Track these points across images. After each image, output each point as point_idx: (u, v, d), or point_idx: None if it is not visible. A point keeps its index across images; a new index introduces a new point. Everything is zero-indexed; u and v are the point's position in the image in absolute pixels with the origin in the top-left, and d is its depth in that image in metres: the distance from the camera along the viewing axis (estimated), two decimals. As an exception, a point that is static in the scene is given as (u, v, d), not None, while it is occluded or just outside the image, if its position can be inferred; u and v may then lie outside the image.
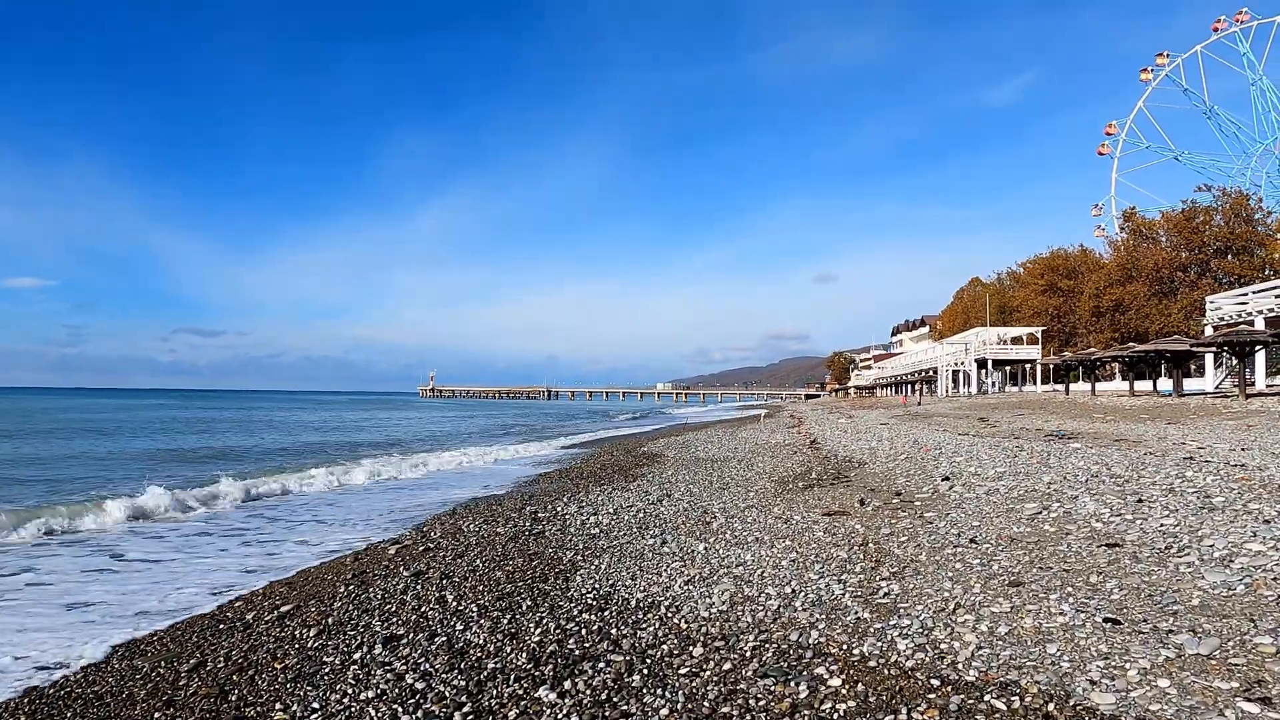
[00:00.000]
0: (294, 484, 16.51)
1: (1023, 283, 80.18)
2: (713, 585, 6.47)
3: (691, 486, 13.49)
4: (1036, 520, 7.80)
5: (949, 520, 8.30)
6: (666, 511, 10.69)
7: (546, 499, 12.84)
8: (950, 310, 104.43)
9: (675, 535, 8.89)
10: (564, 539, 8.86)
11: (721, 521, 9.62)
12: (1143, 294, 59.40)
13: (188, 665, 5.16)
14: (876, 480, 12.49)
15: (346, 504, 14.25)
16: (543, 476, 17.59)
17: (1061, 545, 6.67)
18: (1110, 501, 8.12)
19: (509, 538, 9.02)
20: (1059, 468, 11.13)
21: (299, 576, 7.92)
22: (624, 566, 7.34)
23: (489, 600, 6.24)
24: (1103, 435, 17.56)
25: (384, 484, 17.36)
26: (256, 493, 15.14)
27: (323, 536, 10.65)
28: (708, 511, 10.53)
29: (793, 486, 12.71)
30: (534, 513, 10.99)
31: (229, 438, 34.45)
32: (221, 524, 11.98)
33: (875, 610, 5.43)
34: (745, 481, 13.78)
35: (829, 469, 14.83)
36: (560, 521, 10.14)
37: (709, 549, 7.94)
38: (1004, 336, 68.86)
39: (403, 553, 8.51)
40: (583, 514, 10.70)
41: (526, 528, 9.72)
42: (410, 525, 10.98)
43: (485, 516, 11.03)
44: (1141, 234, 65.57)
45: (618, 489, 13.71)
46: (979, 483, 10.53)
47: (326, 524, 11.85)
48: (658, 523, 9.81)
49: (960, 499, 9.55)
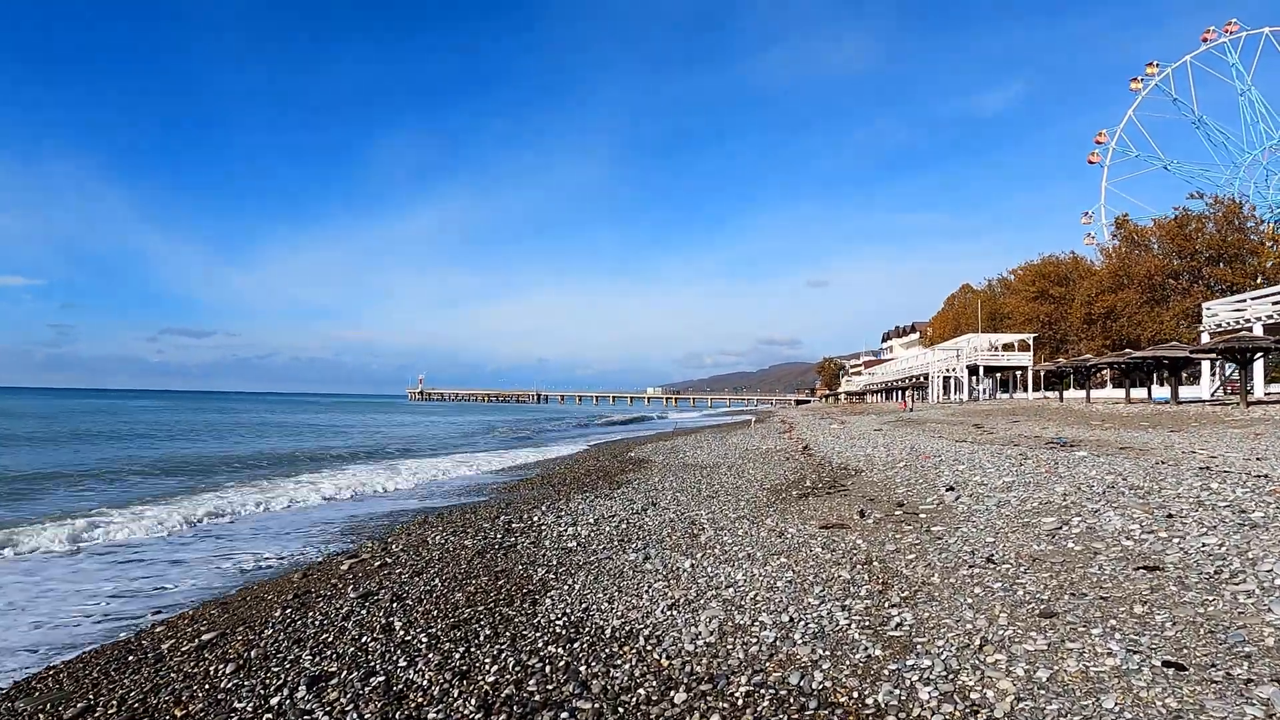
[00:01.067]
0: (254, 492, 15.63)
1: (1014, 289, 79.94)
2: (699, 611, 5.69)
3: (679, 494, 12.71)
4: (1058, 537, 7.06)
5: (959, 535, 7.55)
6: (651, 522, 9.90)
7: (524, 507, 12.03)
8: (941, 316, 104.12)
9: (659, 549, 8.11)
10: (537, 553, 8.05)
11: (710, 534, 8.84)
12: (1135, 301, 59.13)
13: (72, 710, 4.33)
14: (875, 489, 11.74)
15: (307, 512, 13.39)
16: (524, 482, 16.77)
17: (1092, 567, 5.92)
18: (1137, 516, 7.38)
19: (476, 551, 8.19)
20: (1071, 477, 10.41)
21: (237, 596, 7.08)
22: (600, 586, 6.54)
23: (443, 628, 5.43)
24: (1106, 443, 16.89)
25: (353, 490, 16.47)
26: (208, 501, 14.26)
27: (275, 549, 9.81)
28: (695, 523, 9.75)
29: (786, 495, 11.94)
30: (508, 523, 10.16)
31: (199, 444, 33.43)
32: (165, 536, 11.11)
33: (887, 645, 4.66)
34: (736, 489, 13.00)
35: (824, 477, 14.07)
36: (535, 533, 9.33)
37: (696, 566, 7.16)
38: (995, 343, 68.48)
39: (357, 568, 7.68)
40: (560, 524, 9.90)
41: (498, 540, 8.91)
42: (373, 536, 10.14)
43: (456, 527, 10.20)
44: (1133, 241, 65.33)
45: (601, 496, 12.91)
46: (987, 493, 9.79)
47: (281, 535, 11.00)
48: (641, 535, 9.02)
49: (969, 511, 8.81)
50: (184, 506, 13.23)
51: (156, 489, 16.13)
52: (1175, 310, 56.62)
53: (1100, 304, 61.26)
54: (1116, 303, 60.02)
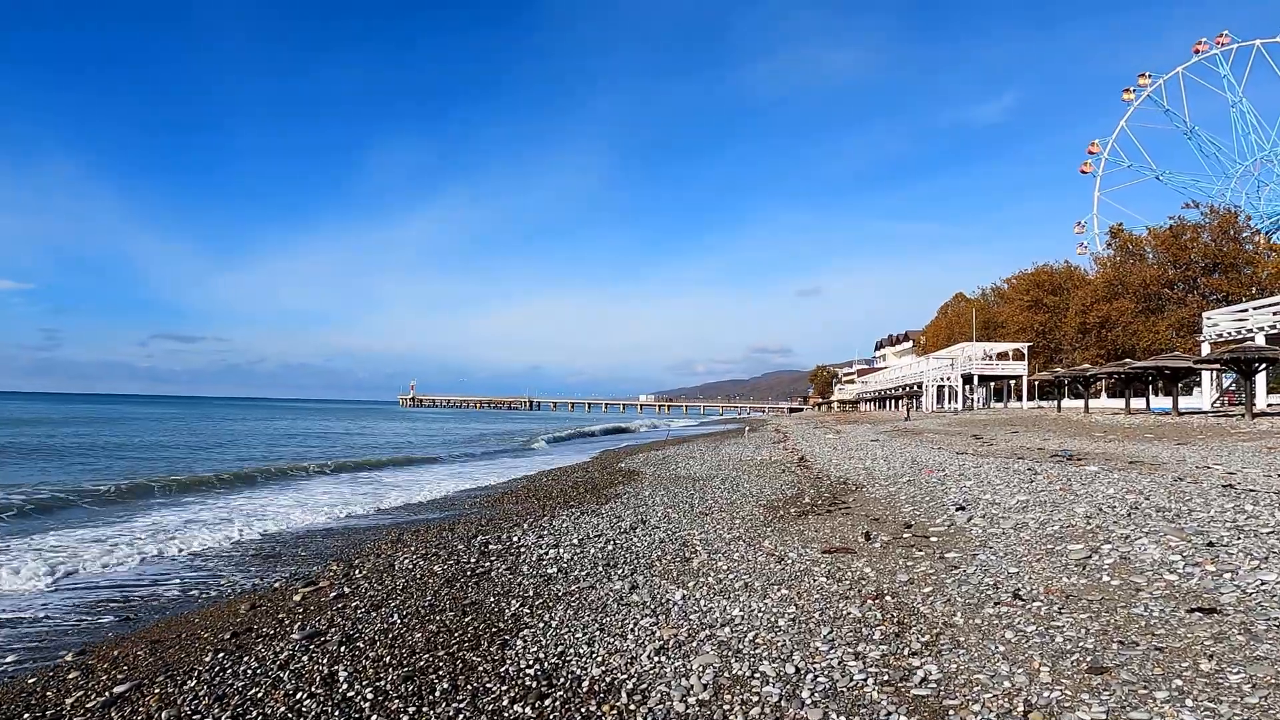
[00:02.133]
0: (225, 499, 14.84)
1: (1008, 298, 79.71)
2: (692, 657, 4.97)
3: (670, 511, 11.98)
4: (1089, 568, 6.36)
5: (978, 564, 6.84)
6: (640, 543, 9.17)
7: (505, 524, 11.27)
8: (934, 325, 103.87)
9: (648, 576, 7.38)
10: (512, 581, 7.30)
11: (703, 558, 8.12)
12: (1130, 310, 58.77)
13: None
14: (879, 507, 11.03)
15: (271, 526, 12.61)
16: (508, 495, 15.98)
17: (1137, 607, 5.22)
18: (1175, 545, 6.69)
19: (445, 579, 7.43)
20: (1088, 496, 9.73)
21: (165, 629, 6.30)
22: (580, 624, 5.81)
23: (394, 680, 4.68)
24: (1114, 456, 16.25)
25: (329, 507, 15.68)
26: (168, 507, 13.47)
27: (231, 569, 9.03)
28: (687, 544, 9.03)
29: (784, 513, 11.22)
30: (485, 544, 9.41)
31: (172, 450, 32.55)
32: (111, 546, 10.32)
33: (914, 710, 3.94)
34: (730, 506, 12.29)
35: (823, 492, 13.37)
36: (513, 556, 8.58)
37: (688, 598, 6.44)
38: (990, 352, 68.04)
39: (310, 599, 6.91)
40: (541, 545, 9.15)
41: (471, 564, 8.15)
42: (340, 557, 9.37)
43: (428, 548, 9.43)
44: (1128, 250, 65.06)
45: (587, 513, 12.16)
46: (1001, 514, 9.09)
47: (239, 555, 10.22)
48: (628, 558, 8.29)
49: (984, 535, 8.11)
50: (155, 515, 12.45)
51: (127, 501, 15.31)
52: (1171, 320, 56.25)
53: (1095, 313, 60.91)
54: (1111, 312, 59.64)
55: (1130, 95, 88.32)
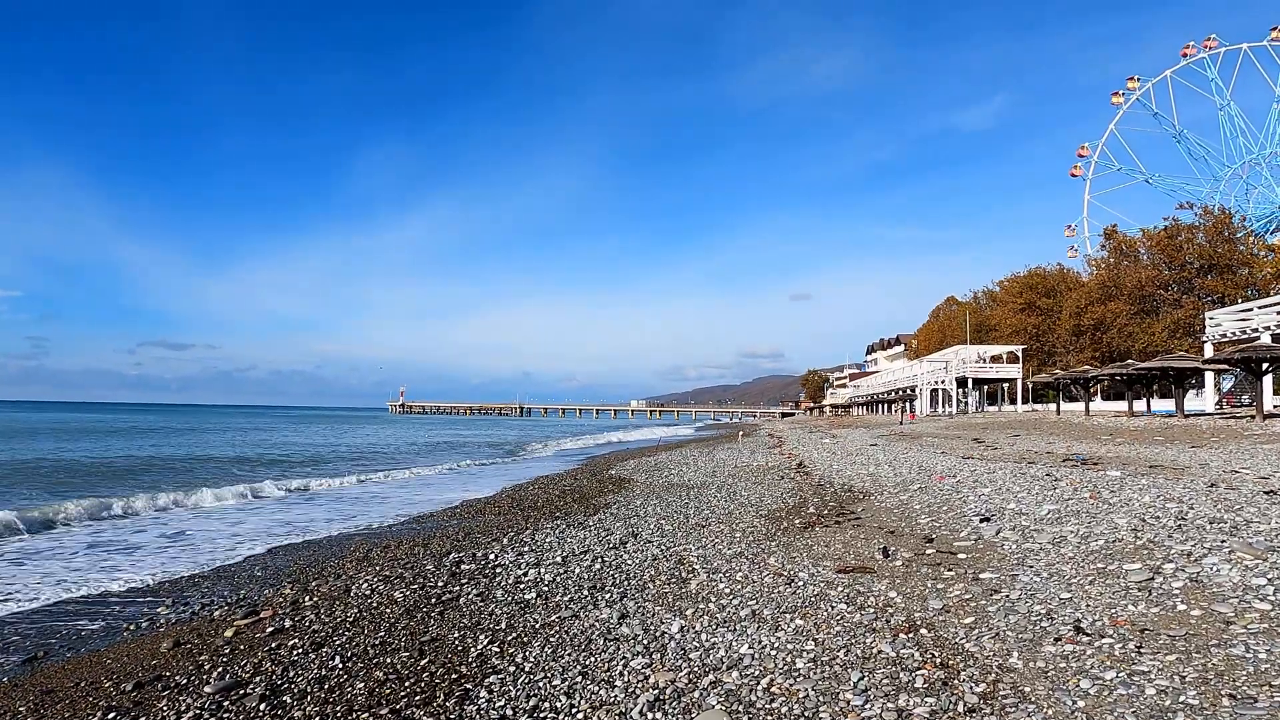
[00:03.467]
0: (188, 513, 13.79)
1: (1000, 301, 79.11)
2: (694, 712, 4.03)
3: (663, 522, 11.02)
4: (1156, 593, 5.43)
5: (1021, 588, 5.91)
6: (631, 561, 8.21)
7: (482, 539, 10.28)
8: (926, 329, 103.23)
9: (639, 602, 6.42)
10: (483, 610, 6.32)
11: (702, 579, 7.17)
12: (1125, 312, 58.21)
13: None
14: (892, 518, 10.10)
15: (238, 542, 11.58)
16: (490, 505, 14.96)
17: (1235, 646, 4.29)
18: (1249, 563, 5.76)
19: (406, 608, 6.43)
20: (1124, 505, 8.81)
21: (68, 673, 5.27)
22: (560, 666, 4.85)
23: (319, 751, 3.71)
24: (1130, 460, 15.38)
25: (295, 516, 14.65)
26: (117, 526, 12.42)
27: (170, 596, 8.01)
28: (683, 561, 8.08)
29: (788, 525, 10.28)
30: (457, 563, 8.41)
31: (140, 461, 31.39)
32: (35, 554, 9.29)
33: (990, 798, 3.01)
34: (729, 516, 11.34)
35: (828, 501, 12.43)
36: (488, 578, 7.59)
37: (687, 630, 5.49)
38: (984, 355, 67.42)
39: (245, 634, 5.91)
40: (520, 564, 8.17)
41: (439, 588, 7.16)
42: (295, 578, 8.35)
43: (394, 567, 8.43)
44: (1122, 252, 64.55)
45: (573, 525, 11.18)
46: (1033, 526, 8.17)
47: (195, 574, 9.20)
48: (618, 579, 7.33)
49: (1020, 551, 7.18)
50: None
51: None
52: (1166, 321, 55.68)
53: (1089, 315, 60.38)
54: (1106, 314, 59.10)
55: (1119, 99, 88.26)
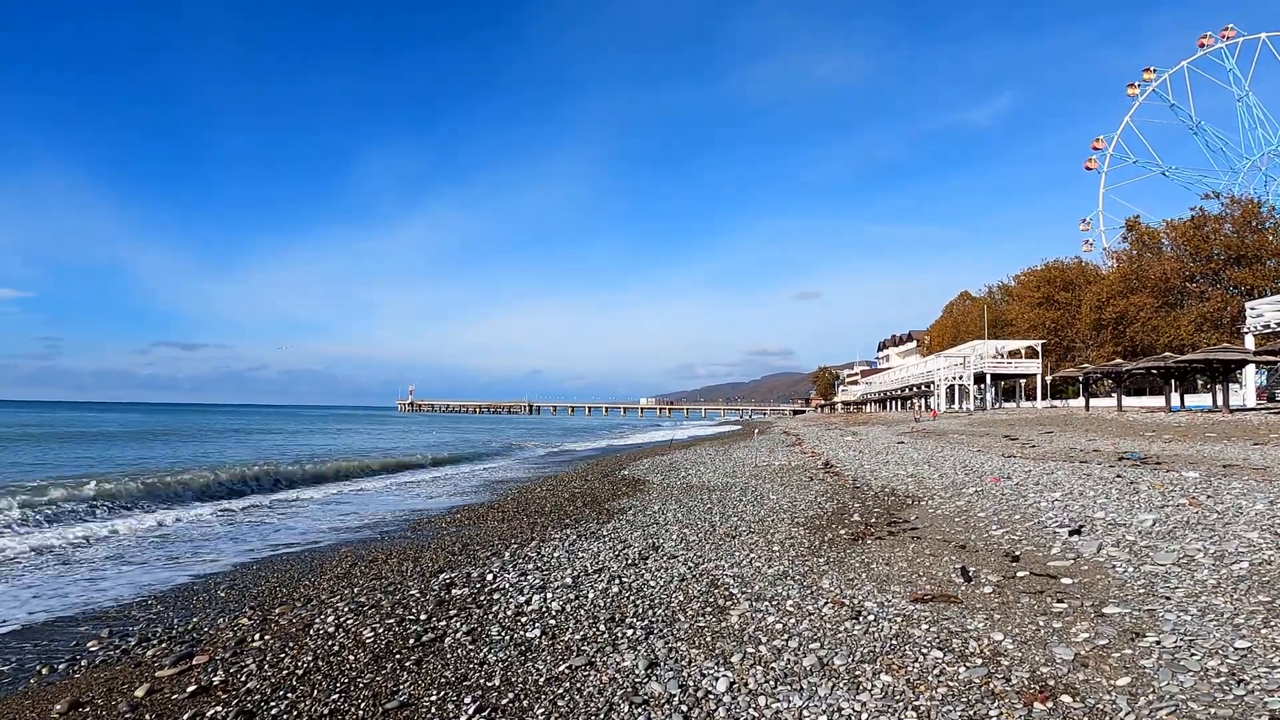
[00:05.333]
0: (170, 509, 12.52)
1: (1017, 296, 77.41)
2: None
3: (686, 531, 9.67)
4: (1370, 641, 4.06)
5: (1171, 628, 4.54)
6: (654, 582, 6.87)
7: (481, 552, 8.95)
8: (939, 325, 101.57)
9: (669, 641, 5.08)
10: (472, 656, 4.98)
11: (744, 608, 5.82)
12: (1148, 306, 56.46)
13: None
14: (955, 528, 8.72)
15: (211, 554, 10.29)
16: (494, 510, 13.60)
17: None
18: None
19: (375, 654, 5.06)
20: (1238, 514, 7.41)
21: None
22: (571, 749, 3.52)
23: None
24: (1196, 460, 13.95)
25: (278, 522, 13.37)
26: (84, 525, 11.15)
27: (115, 621, 6.72)
28: (717, 583, 6.73)
29: (833, 535, 8.91)
30: (448, 585, 7.08)
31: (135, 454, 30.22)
32: None
33: None
34: (761, 525, 9.98)
35: (871, 507, 11.06)
36: (483, 607, 6.25)
37: (736, 689, 4.15)
38: (1002, 350, 65.73)
39: (161, 693, 4.58)
40: (524, 587, 6.83)
41: (419, 624, 5.80)
42: (259, 600, 7.05)
43: (372, 592, 7.10)
44: (1144, 244, 62.76)
45: (585, 535, 9.84)
46: (1140, 541, 6.77)
47: (144, 596, 7.91)
48: (640, 607, 6.00)
49: (1140, 575, 5.80)
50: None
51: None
52: (1193, 314, 53.95)
53: (1111, 309, 58.65)
54: (1128, 307, 57.37)
55: (1135, 90, 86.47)
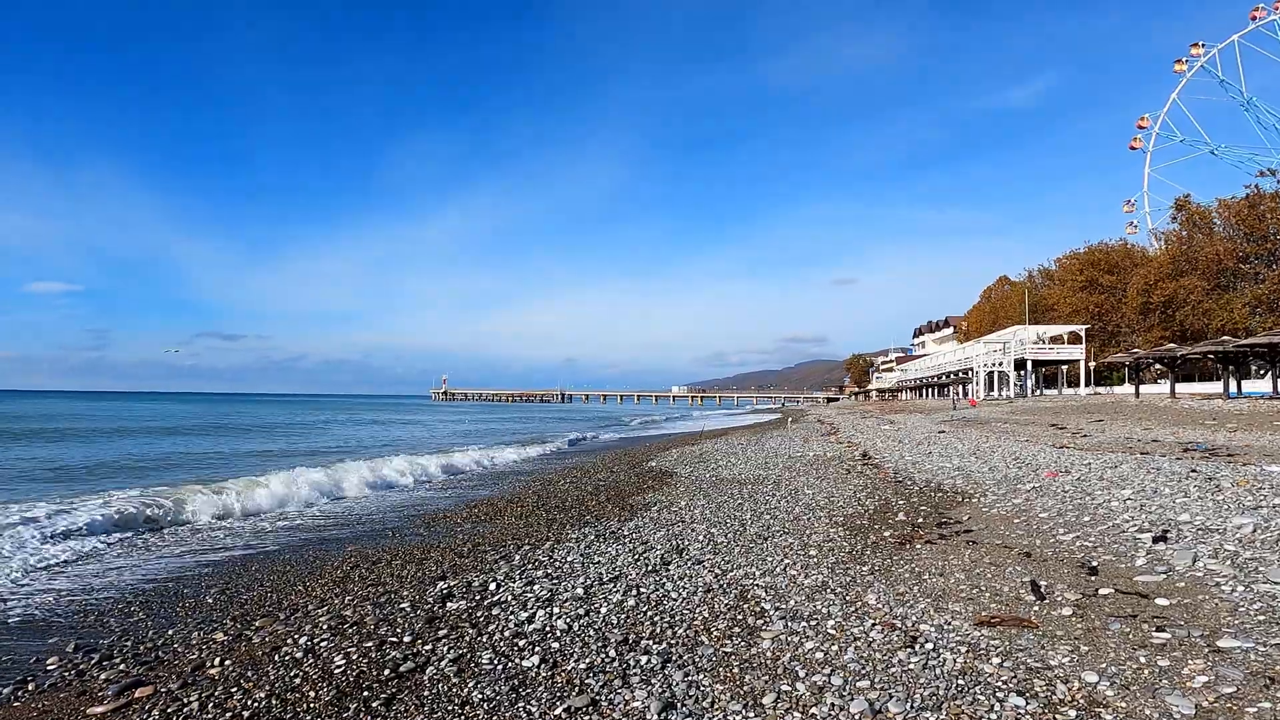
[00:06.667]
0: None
1: (1058, 280, 75.01)
2: None
3: (714, 531, 8.86)
4: None
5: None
6: (676, 593, 6.07)
7: (490, 554, 8.22)
8: (977, 310, 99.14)
9: (691, 674, 4.29)
10: (455, 694, 4.20)
11: (778, 631, 5.01)
12: (1199, 288, 54.13)
13: None
14: (1013, 530, 7.80)
15: (194, 545, 9.70)
16: (511, 504, 12.85)
17: None
18: None
19: (341, 690, 4.29)
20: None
21: None
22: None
23: None
24: (1275, 451, 12.79)
25: (275, 512, 12.79)
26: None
27: (88, 623, 6.10)
28: (747, 595, 5.92)
29: (877, 539, 8.04)
30: (445, 596, 6.34)
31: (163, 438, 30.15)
32: None
33: None
34: (796, 524, 9.13)
35: (917, 504, 10.14)
36: (477, 626, 5.49)
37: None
38: (1044, 335, 63.69)
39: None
40: (528, 600, 6.07)
41: (401, 648, 5.05)
42: (241, 605, 6.38)
43: (362, 603, 6.39)
44: (1195, 224, 60.21)
45: (604, 535, 9.07)
46: (1244, 551, 5.81)
47: (129, 593, 7.29)
48: (658, 626, 5.21)
49: (1254, 595, 4.86)
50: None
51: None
52: (1248, 297, 51.64)
53: (1159, 292, 56.34)
54: (1178, 290, 55.08)
55: (1182, 66, 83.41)
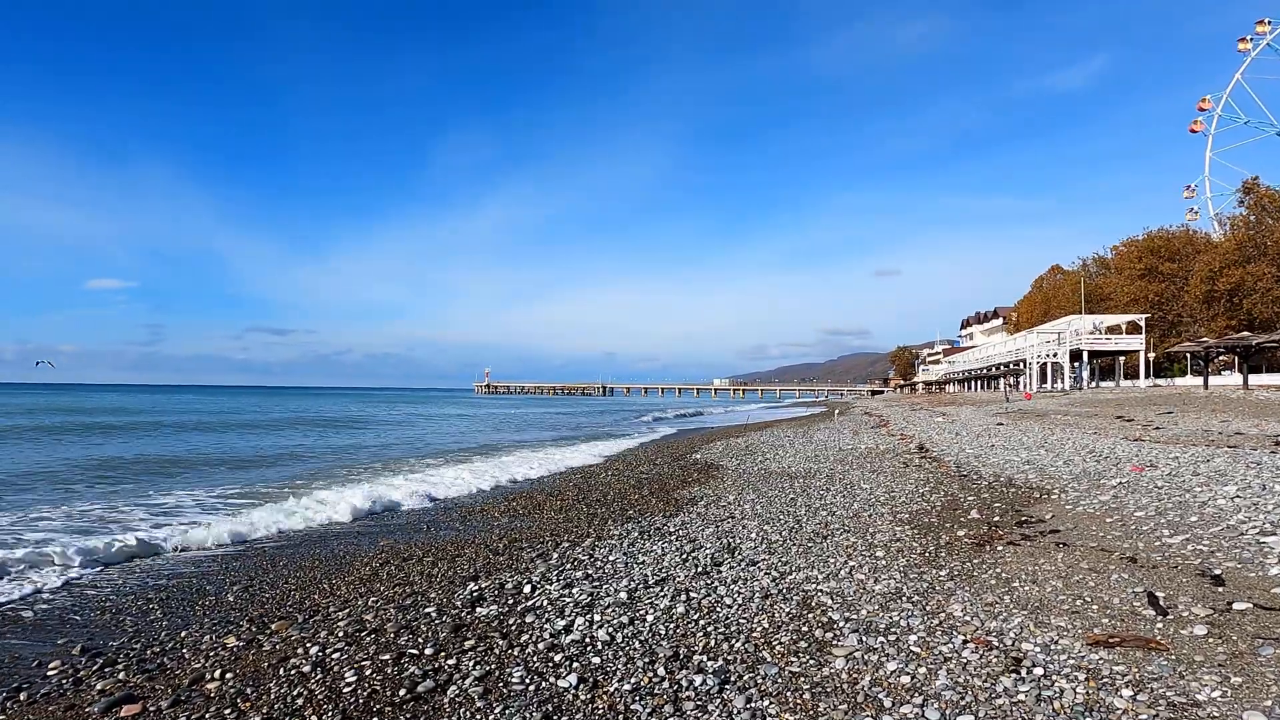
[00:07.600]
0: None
1: (1115, 268, 72.19)
2: None
3: (767, 528, 8.19)
4: None
5: None
6: (730, 600, 5.43)
7: (526, 551, 7.67)
8: (1028, 300, 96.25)
9: (753, 700, 3.66)
10: (482, 716, 3.65)
11: (851, 646, 4.34)
12: (1269, 275, 51.52)
13: None
14: (1107, 531, 6.98)
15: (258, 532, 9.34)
16: (551, 498, 12.30)
17: None
18: None
19: (350, 715, 3.76)
20: None
21: None
22: None
23: None
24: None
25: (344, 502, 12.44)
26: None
27: (70, 653, 5.69)
28: (811, 603, 5.26)
29: (951, 539, 7.28)
30: (475, 599, 5.79)
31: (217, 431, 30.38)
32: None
33: None
34: (856, 521, 8.41)
35: (989, 501, 9.32)
36: (508, 636, 4.92)
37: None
38: (1100, 325, 61.26)
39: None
40: (566, 605, 5.49)
41: (422, 662, 4.52)
42: (261, 604, 5.91)
43: (381, 608, 5.88)
44: (1264, 208, 57.39)
45: (648, 531, 8.45)
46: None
47: (141, 590, 6.90)
48: (712, 639, 4.58)
49: None
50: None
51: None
52: (1323, 284, 49.02)
53: (1225, 279, 53.77)
54: (1245, 277, 52.53)
55: (1246, 45, 79.64)
